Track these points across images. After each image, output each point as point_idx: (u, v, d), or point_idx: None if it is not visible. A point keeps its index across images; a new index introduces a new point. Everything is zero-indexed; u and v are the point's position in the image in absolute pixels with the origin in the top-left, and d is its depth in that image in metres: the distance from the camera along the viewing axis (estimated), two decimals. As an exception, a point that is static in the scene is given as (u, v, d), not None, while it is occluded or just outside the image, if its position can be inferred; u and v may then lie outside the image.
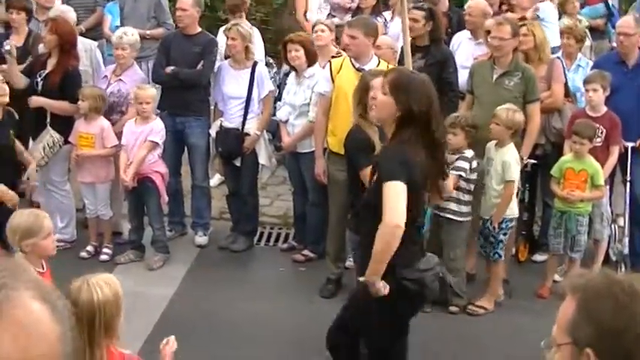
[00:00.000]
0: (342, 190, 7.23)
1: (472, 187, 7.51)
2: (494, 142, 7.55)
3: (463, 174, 7.41)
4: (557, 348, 2.18)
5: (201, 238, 8.95)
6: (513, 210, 7.60)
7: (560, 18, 10.72)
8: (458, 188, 7.42)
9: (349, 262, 7.83)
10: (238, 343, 6.89)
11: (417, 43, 8.52)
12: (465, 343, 7.14)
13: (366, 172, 5.66)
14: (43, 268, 5.28)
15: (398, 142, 5.05)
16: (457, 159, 7.43)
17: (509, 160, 7.42)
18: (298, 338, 5.63)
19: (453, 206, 7.46)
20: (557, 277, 8.01)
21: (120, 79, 8.67)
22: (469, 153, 7.48)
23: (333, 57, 8.36)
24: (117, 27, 10.03)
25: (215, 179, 10.01)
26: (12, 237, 5.22)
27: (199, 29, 8.89)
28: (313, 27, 9.22)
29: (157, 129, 8.24)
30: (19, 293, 1.53)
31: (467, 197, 7.51)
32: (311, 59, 8.41)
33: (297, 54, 8.38)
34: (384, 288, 4.97)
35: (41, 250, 5.24)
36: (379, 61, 7.66)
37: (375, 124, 6.01)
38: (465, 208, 7.51)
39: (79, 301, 4.02)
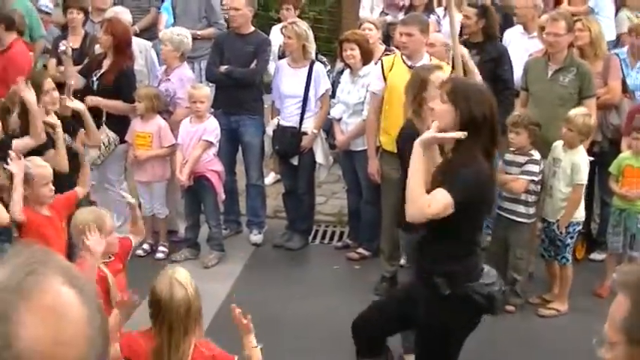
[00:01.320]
0: (395, 189, 7.22)
1: (539, 188, 7.48)
2: (561, 142, 7.48)
3: (535, 178, 7.38)
4: (610, 346, 2.17)
5: (256, 237, 9.05)
6: (580, 212, 7.53)
7: (617, 12, 10.62)
8: (527, 191, 7.40)
9: (403, 260, 7.86)
10: (293, 340, 6.95)
11: (471, 39, 8.51)
12: (520, 342, 7.12)
13: None
14: (110, 258, 5.49)
15: (463, 155, 4.89)
16: (526, 162, 7.40)
17: (579, 162, 7.36)
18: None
19: (521, 209, 7.45)
20: (616, 276, 7.92)
21: (168, 79, 8.79)
22: (537, 155, 7.44)
23: (386, 54, 8.39)
24: (172, 25, 10.17)
25: (270, 178, 10.10)
26: (77, 235, 5.35)
27: (252, 28, 8.96)
28: (360, 25, 9.27)
29: (210, 128, 8.34)
30: (48, 278, 1.60)
31: (534, 198, 7.49)
32: (366, 58, 8.44)
33: (352, 52, 8.42)
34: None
35: (104, 247, 5.35)
36: (430, 59, 7.66)
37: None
38: (532, 210, 7.51)
39: (173, 297, 4.31)
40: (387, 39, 10.01)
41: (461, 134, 4.79)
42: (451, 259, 5.00)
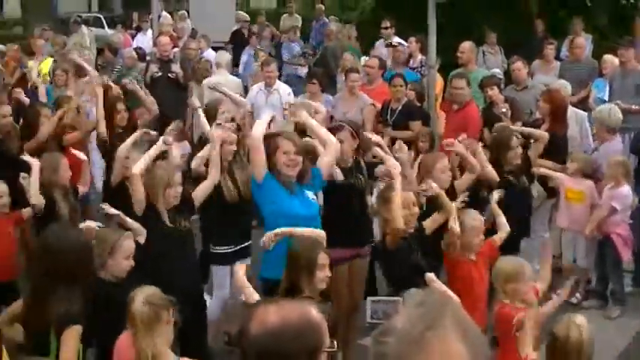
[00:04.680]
0: None
1: None
2: None
3: None
4: None
5: (660, 296, 9.41)
6: None
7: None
8: None
9: None
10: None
11: None
12: None
13: None
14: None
15: None
16: None
17: None
18: None
19: None
20: None
21: (596, 149, 9.55)
22: None
23: None
24: (598, 99, 10.92)
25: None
26: (496, 279, 5.94)
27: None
28: None
29: (620, 195, 8.86)
30: (445, 332, 1.80)
31: None
32: None
33: None
34: None
35: (520, 296, 5.82)
36: None
37: None
38: None
39: (568, 338, 4.77)
40: None
41: None
42: None
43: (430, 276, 4.94)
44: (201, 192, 7.11)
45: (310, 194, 6.68)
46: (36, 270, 5.38)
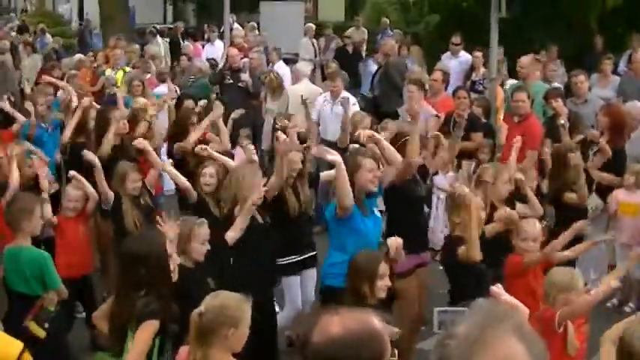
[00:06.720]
0: None
1: None
2: None
3: None
4: None
5: None
6: None
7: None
8: None
9: None
10: None
11: None
12: None
13: None
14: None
15: None
16: None
17: None
18: None
19: None
20: None
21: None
22: None
23: None
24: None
25: None
26: (549, 290, 5.83)
27: None
28: None
29: None
30: (503, 333, 1.84)
31: None
32: None
33: None
34: None
35: (576, 307, 5.72)
36: None
37: None
38: None
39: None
40: None
41: None
42: None
43: (495, 289, 4.91)
44: (272, 189, 7.20)
45: (376, 209, 6.78)
46: (119, 275, 5.51)
